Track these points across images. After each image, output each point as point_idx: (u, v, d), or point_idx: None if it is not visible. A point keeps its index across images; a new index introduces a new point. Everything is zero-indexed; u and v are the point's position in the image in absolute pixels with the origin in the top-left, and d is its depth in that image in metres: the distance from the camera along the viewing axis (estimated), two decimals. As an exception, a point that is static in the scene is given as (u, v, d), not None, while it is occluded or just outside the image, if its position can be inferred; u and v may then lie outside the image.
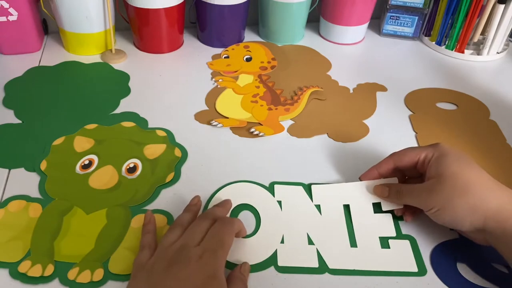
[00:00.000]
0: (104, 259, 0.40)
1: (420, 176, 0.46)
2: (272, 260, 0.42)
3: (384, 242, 0.44)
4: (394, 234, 0.45)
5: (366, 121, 0.60)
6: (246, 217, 0.46)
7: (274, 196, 0.48)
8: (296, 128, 0.58)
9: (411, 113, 0.63)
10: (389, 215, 0.46)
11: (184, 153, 0.53)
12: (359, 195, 0.47)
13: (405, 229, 0.45)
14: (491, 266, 0.42)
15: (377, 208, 0.46)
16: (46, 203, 0.45)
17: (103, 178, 0.48)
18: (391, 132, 0.59)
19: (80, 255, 0.40)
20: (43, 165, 0.49)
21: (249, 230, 0.44)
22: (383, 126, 0.60)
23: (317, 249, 0.43)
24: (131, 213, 0.45)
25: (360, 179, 0.48)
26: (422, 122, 0.61)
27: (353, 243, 0.44)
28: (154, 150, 0.52)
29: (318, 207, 0.47)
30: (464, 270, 0.42)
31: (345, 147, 0.55)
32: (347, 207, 0.47)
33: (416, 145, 0.57)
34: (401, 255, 0.43)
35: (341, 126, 0.59)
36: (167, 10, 0.67)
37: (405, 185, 0.44)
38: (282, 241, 0.43)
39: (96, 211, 0.45)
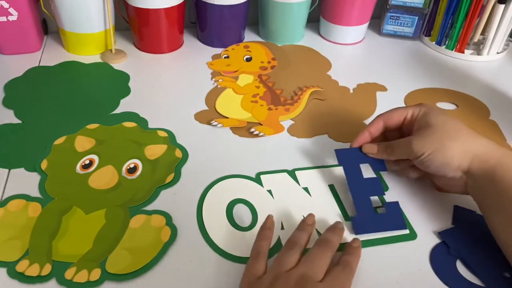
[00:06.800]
0: (102, 259, 0.40)
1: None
2: (278, 247, 0.42)
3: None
4: (380, 204, 0.48)
5: (366, 121, 0.60)
6: (242, 211, 0.46)
7: (262, 186, 0.49)
8: (296, 128, 0.58)
9: (411, 113, 0.63)
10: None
11: (185, 153, 0.52)
12: (339, 176, 0.51)
13: (388, 198, 0.48)
14: (492, 268, 0.42)
15: None
16: (46, 202, 0.45)
17: (103, 178, 0.48)
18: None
19: (78, 255, 0.40)
20: (44, 164, 0.50)
21: (247, 223, 0.45)
22: (383, 126, 0.59)
23: (316, 229, 0.45)
24: (130, 213, 0.45)
25: (351, 146, 0.50)
26: (422, 122, 0.61)
27: (347, 217, 0.46)
28: (155, 151, 0.52)
29: (306, 189, 0.49)
30: (464, 270, 0.42)
31: (344, 147, 0.55)
32: (332, 187, 0.49)
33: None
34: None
35: (341, 126, 0.59)
36: (167, 10, 0.67)
37: (393, 141, 0.47)
38: (282, 228, 0.45)
39: (95, 211, 0.45)
